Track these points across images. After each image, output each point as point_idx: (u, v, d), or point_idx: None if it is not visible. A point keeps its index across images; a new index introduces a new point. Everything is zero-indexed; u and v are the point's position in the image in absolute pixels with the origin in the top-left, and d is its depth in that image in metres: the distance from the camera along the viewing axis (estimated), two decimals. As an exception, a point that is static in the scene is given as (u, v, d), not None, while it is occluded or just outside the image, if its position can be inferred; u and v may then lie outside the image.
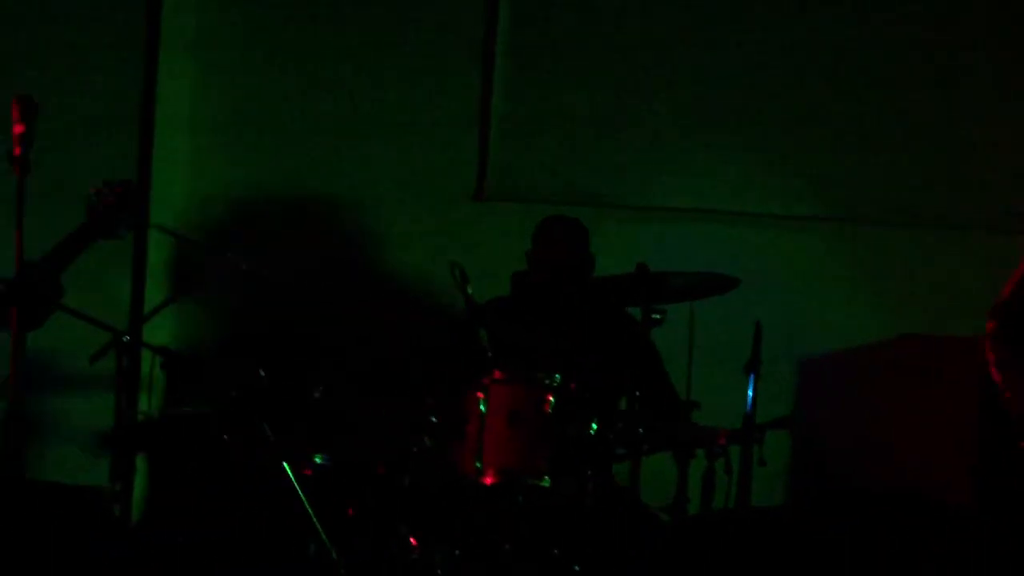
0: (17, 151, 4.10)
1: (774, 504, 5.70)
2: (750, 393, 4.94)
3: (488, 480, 4.76)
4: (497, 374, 4.86)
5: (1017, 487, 4.52)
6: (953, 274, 6.01)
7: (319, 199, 6.45)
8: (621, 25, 6.33)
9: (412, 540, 4.78)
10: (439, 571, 4.70)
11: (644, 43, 6.33)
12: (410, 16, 6.42)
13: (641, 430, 4.92)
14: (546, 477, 4.77)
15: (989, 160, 6.11)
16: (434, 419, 4.92)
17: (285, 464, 4.68)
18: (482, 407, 4.82)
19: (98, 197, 4.68)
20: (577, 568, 4.70)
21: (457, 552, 4.71)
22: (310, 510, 4.66)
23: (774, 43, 6.31)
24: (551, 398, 4.82)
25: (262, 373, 4.95)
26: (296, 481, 4.66)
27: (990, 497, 4.71)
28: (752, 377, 4.94)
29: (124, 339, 4.74)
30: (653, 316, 4.89)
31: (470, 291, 5.01)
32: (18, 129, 4.15)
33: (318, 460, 4.93)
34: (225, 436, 4.88)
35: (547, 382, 4.82)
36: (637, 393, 4.92)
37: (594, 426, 4.85)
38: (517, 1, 6.39)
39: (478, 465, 4.78)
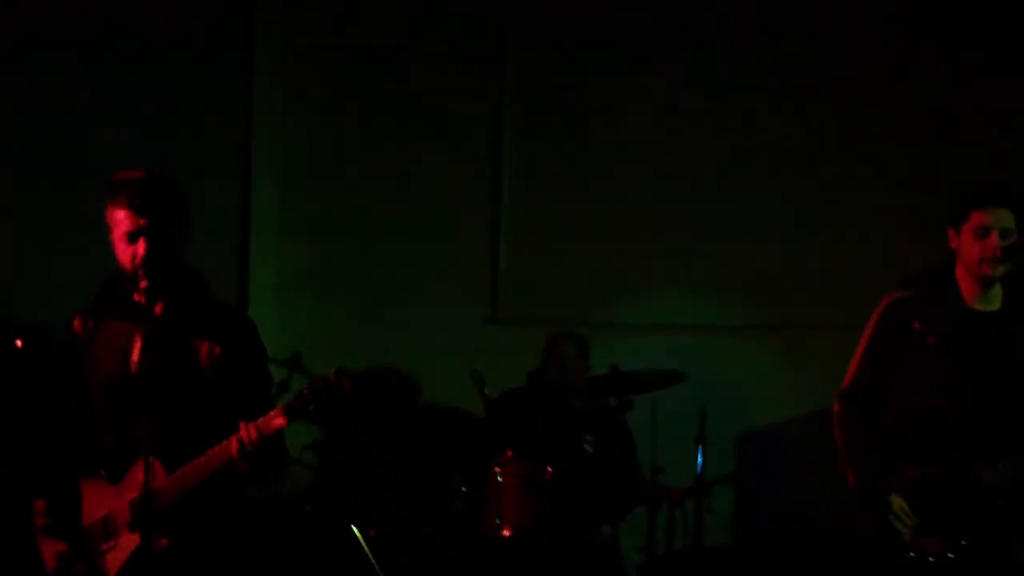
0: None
1: (722, 544, 6.57)
2: (699, 459, 6.15)
3: (506, 533, 5.75)
4: (509, 453, 5.84)
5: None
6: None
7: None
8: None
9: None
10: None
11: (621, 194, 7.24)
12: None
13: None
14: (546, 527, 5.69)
15: (883, 270, 6.42)
16: (463, 489, 5.98)
17: (354, 527, 5.60)
18: (499, 478, 5.81)
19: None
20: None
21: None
22: (374, 562, 5.59)
23: (708, 191, 7.20)
24: (551, 470, 5.76)
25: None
26: (364, 541, 5.58)
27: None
28: (700, 447, 6.16)
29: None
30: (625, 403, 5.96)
31: (486, 391, 6.10)
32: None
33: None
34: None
35: (547, 459, 5.78)
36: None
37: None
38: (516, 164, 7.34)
39: (498, 522, 5.75)
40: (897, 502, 4.59)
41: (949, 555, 4.55)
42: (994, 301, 4.70)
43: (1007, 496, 4.58)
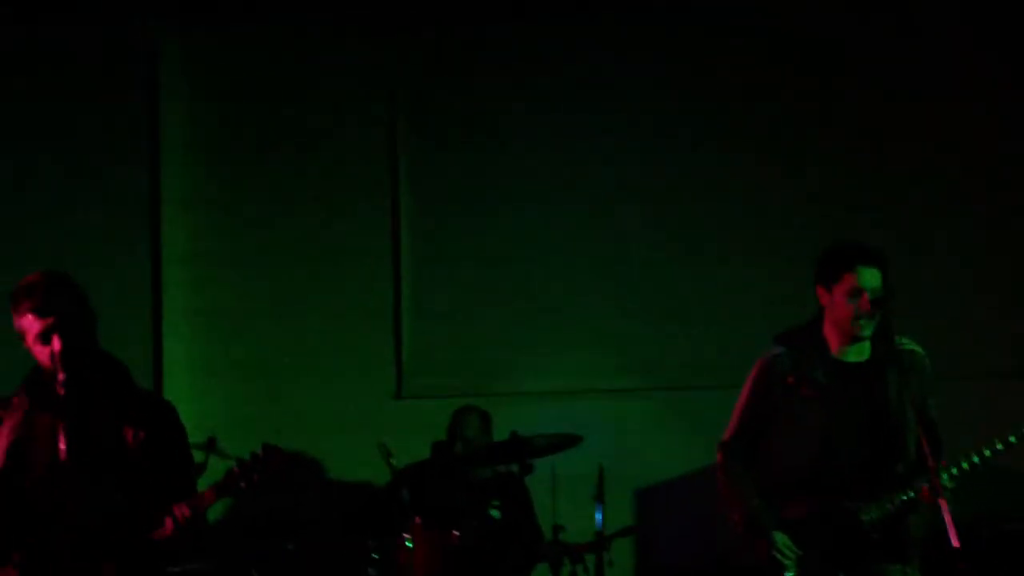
0: None
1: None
2: (598, 515, 6.38)
3: None
4: (417, 520, 6.04)
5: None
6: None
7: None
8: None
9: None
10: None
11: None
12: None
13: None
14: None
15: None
16: (375, 555, 6.15)
17: None
18: (408, 544, 6.01)
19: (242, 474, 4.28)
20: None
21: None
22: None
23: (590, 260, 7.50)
24: (456, 534, 5.98)
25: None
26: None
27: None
28: (599, 504, 6.38)
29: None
30: (526, 467, 6.14)
31: (393, 462, 6.30)
32: None
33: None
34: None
35: (454, 525, 5.98)
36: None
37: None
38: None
39: None
40: (780, 538, 4.88)
41: None
42: (864, 352, 4.98)
43: (881, 531, 4.86)
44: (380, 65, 7.75)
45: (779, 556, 4.87)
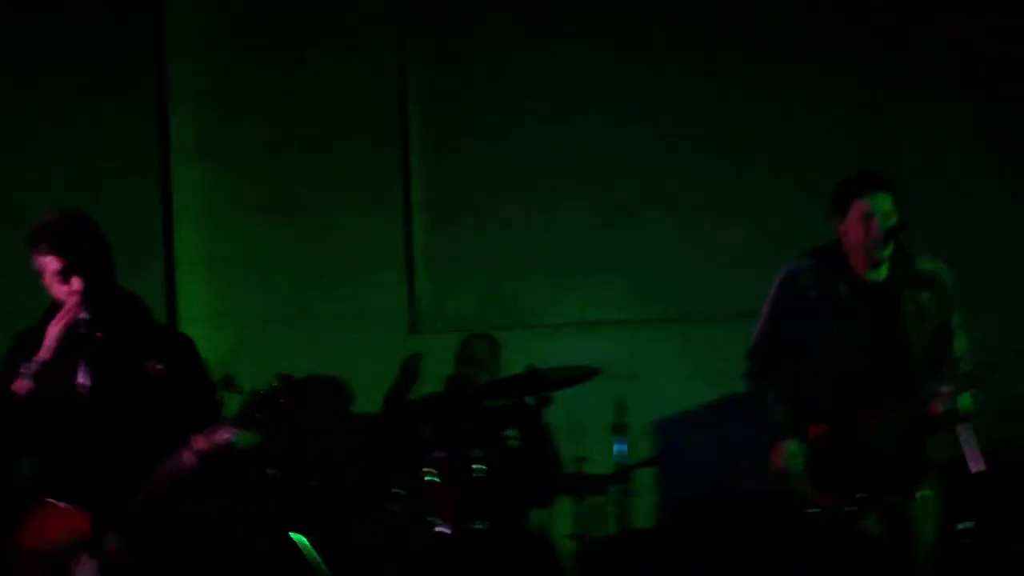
0: None
1: (649, 526, 6.82)
2: (615, 447, 6.42)
3: (444, 530, 5.96)
4: (439, 454, 6.08)
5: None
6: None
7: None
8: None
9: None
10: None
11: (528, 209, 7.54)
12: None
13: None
14: (479, 522, 5.95)
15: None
16: (398, 491, 6.19)
17: (299, 535, 5.57)
18: (430, 478, 6.04)
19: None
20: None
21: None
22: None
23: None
24: (480, 466, 5.99)
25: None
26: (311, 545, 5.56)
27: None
28: (619, 436, 6.41)
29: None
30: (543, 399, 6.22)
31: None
32: None
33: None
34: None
35: (476, 456, 6.02)
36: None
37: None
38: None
39: (435, 520, 5.99)
40: (792, 446, 4.97)
41: (846, 508, 4.89)
42: (881, 272, 5.03)
43: (899, 445, 4.90)
44: (389, 9, 7.77)
45: (787, 463, 4.95)
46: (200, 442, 4.27)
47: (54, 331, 4.37)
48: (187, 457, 4.27)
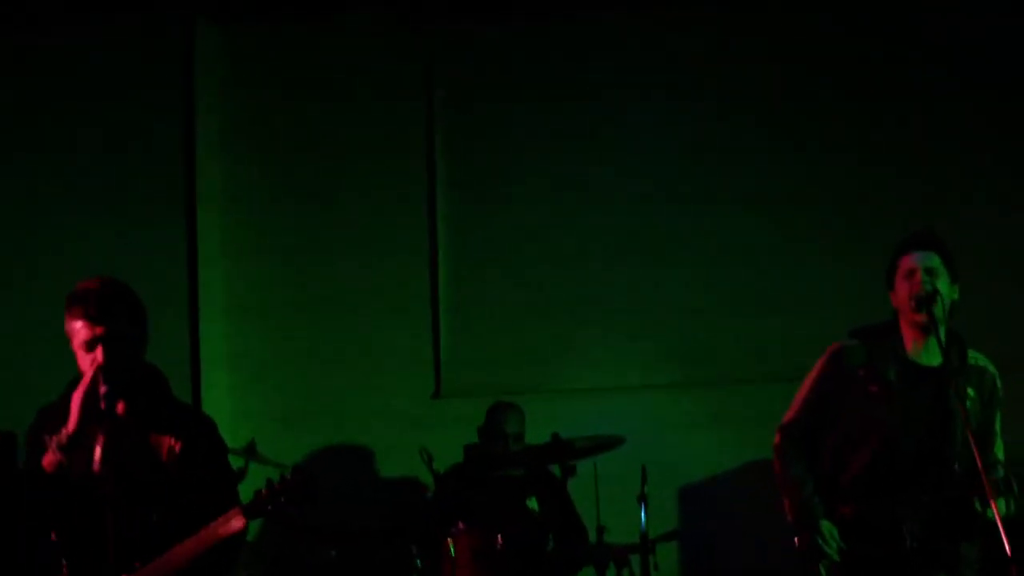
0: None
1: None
2: (643, 516, 6.30)
3: None
4: (460, 525, 6.02)
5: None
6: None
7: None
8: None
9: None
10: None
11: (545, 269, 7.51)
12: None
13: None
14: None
15: (820, 321, 6.61)
16: (419, 562, 6.16)
17: None
18: (452, 551, 5.97)
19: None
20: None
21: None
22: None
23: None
24: (500, 539, 5.92)
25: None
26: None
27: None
28: (643, 505, 6.28)
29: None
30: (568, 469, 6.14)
31: (436, 467, 6.31)
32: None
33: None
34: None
35: (497, 528, 5.93)
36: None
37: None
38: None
39: None
40: (827, 527, 4.86)
41: None
42: (935, 356, 4.91)
43: (921, 541, 4.82)
44: (416, 59, 7.76)
45: (822, 544, 4.83)
46: (212, 530, 4.21)
47: (77, 400, 4.30)
48: (197, 544, 4.20)
